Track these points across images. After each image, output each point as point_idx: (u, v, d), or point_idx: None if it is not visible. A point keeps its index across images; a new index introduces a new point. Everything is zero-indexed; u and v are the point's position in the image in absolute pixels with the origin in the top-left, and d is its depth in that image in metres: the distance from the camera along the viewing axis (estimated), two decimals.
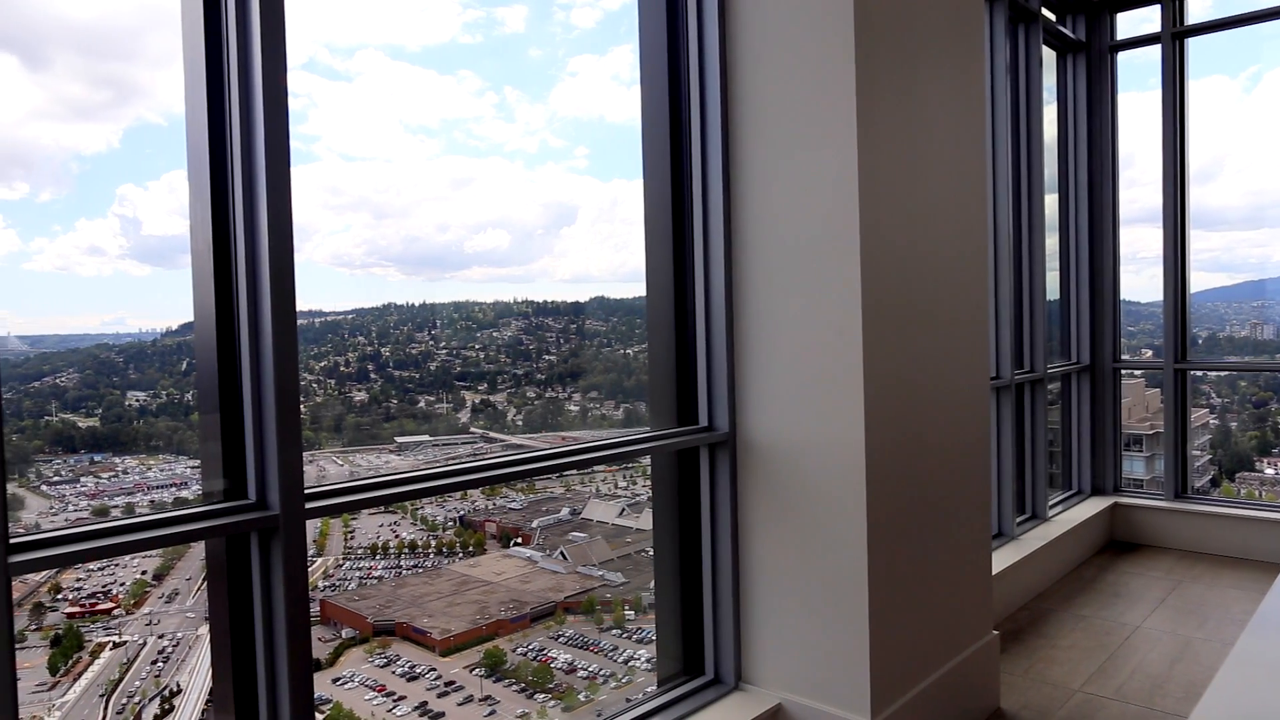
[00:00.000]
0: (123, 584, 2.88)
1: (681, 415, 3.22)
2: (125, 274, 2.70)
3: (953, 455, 3.36)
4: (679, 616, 3.25)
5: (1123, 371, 6.32)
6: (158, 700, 2.77)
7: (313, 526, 2.18)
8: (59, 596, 2.78)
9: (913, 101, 3.09)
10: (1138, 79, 6.26)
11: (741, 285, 3.12)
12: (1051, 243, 6.02)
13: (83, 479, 2.72)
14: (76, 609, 2.77)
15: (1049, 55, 6.10)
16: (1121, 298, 6.30)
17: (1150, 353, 6.48)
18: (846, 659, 2.92)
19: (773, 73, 3.01)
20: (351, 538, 3.40)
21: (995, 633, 3.62)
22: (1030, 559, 4.93)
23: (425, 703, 3.12)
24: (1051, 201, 6.03)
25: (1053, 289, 6.06)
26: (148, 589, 2.91)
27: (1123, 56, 6.24)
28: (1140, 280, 6.30)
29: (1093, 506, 5.93)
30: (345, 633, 3.22)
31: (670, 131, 3.18)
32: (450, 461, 2.72)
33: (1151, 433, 6.31)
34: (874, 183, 2.88)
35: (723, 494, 3.15)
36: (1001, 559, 4.74)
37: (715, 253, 3.12)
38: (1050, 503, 5.76)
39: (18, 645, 1.75)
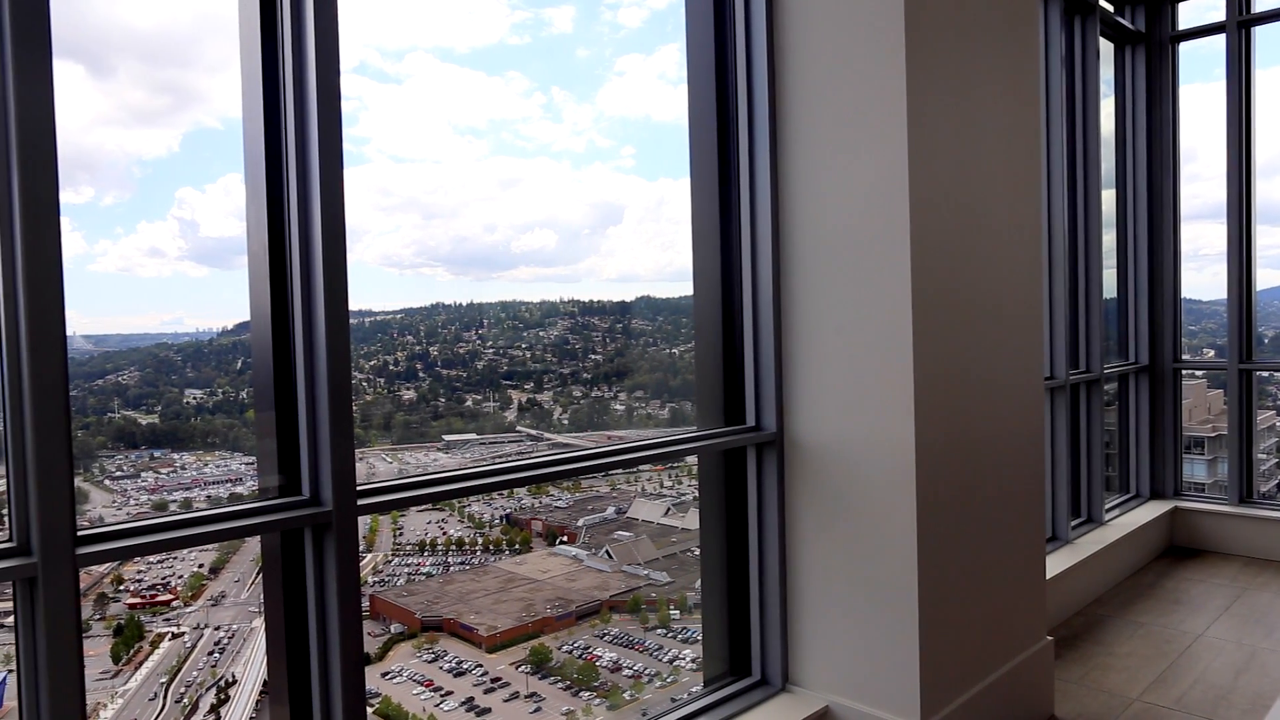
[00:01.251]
0: (180, 576, 2.95)
1: (728, 415, 3.20)
2: (183, 275, 2.77)
3: (1005, 456, 3.29)
4: (725, 617, 3.23)
5: (1183, 372, 6.13)
6: (214, 690, 2.83)
7: (362, 523, 2.21)
8: (121, 587, 2.86)
9: (964, 95, 3.03)
10: (1201, 70, 6.06)
11: (789, 283, 3.09)
12: (1109, 239, 5.86)
13: (143, 474, 2.79)
14: (137, 600, 2.85)
15: (1106, 47, 5.93)
16: (1182, 296, 6.10)
17: (1212, 352, 6.27)
18: (896, 662, 2.88)
19: (821, 68, 2.97)
20: (400, 534, 3.44)
21: (1049, 638, 3.54)
22: (1086, 563, 4.80)
23: (472, 698, 3.15)
24: (1109, 197, 5.87)
25: (1110, 287, 5.90)
26: (204, 582, 2.98)
27: (1185, 47, 6.04)
28: (1202, 278, 6.11)
29: (1151, 510, 5.76)
30: (394, 628, 3.26)
31: (717, 129, 3.16)
32: (497, 460, 2.74)
33: (1214, 435, 6.11)
34: (925, 179, 2.83)
35: (770, 494, 3.13)
36: (1056, 563, 4.63)
37: (763, 250, 3.10)
38: (1107, 506, 5.60)
39: (83, 634, 1.81)
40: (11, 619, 2.46)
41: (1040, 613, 3.52)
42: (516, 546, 3.52)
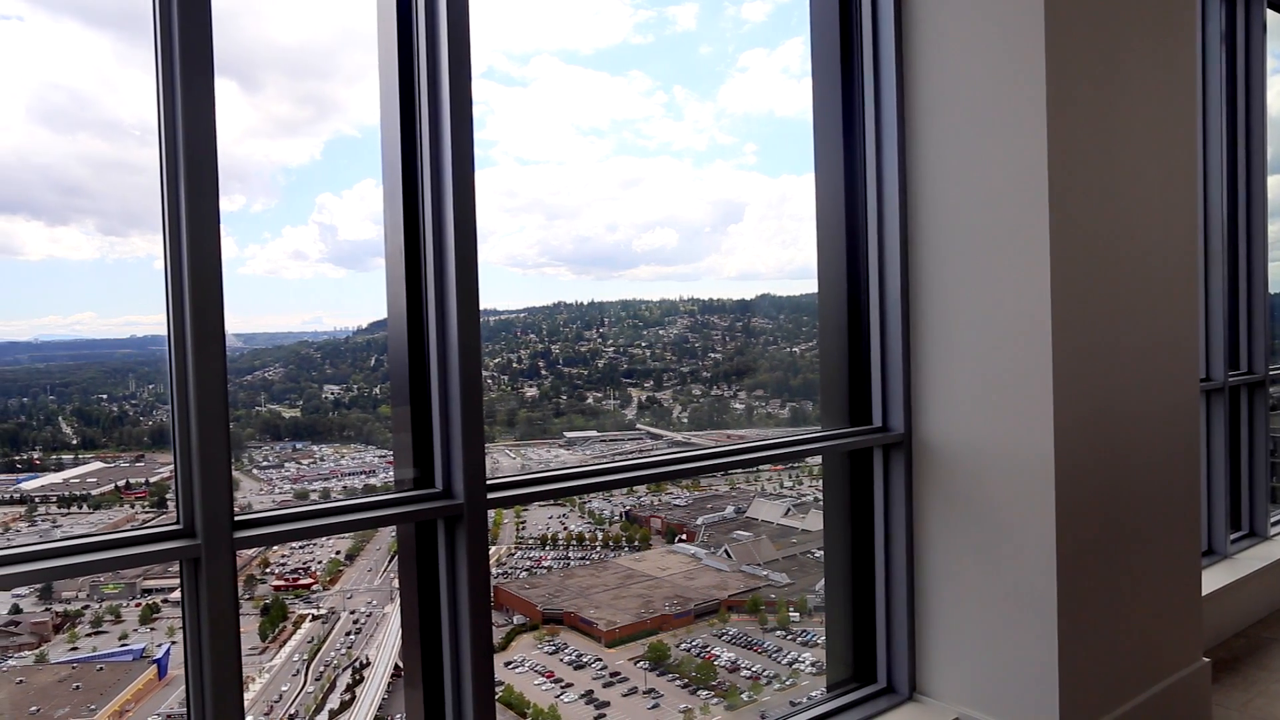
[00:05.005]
0: (320, 562, 3.11)
1: (854, 415, 3.12)
2: (323, 276, 2.91)
3: (1155, 463, 3.08)
4: (850, 621, 3.16)
5: None
6: (349, 670, 2.97)
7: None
8: (267, 570, 3.04)
9: (1110, 79, 2.85)
10: None
11: (918, 280, 2.99)
12: (1275, 230, 5.37)
13: (286, 464, 2.95)
14: (282, 582, 3.02)
15: (1274, 20, 5.44)
16: None
17: None
18: (1033, 676, 2.74)
19: (953, 56, 2.86)
20: (523, 528, 3.52)
21: (1206, 660, 3.29)
22: (1247, 581, 4.43)
23: (591, 691, 3.19)
24: (1276, 184, 5.38)
25: (1276, 282, 5.41)
26: (341, 568, 3.12)
27: None
28: None
29: None
30: (516, 619, 3.34)
31: (843, 122, 3.09)
32: (620, 457, 2.76)
33: None
34: (1066, 170, 2.68)
35: (897, 496, 3.04)
36: (1213, 579, 4.29)
37: (890, 246, 3.01)
38: (1272, 519, 5.15)
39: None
40: (174, 595, 2.67)
41: (1195, 631, 3.28)
42: (635, 543, 3.54)
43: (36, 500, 2.58)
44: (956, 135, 2.87)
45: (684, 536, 3.59)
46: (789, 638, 3.50)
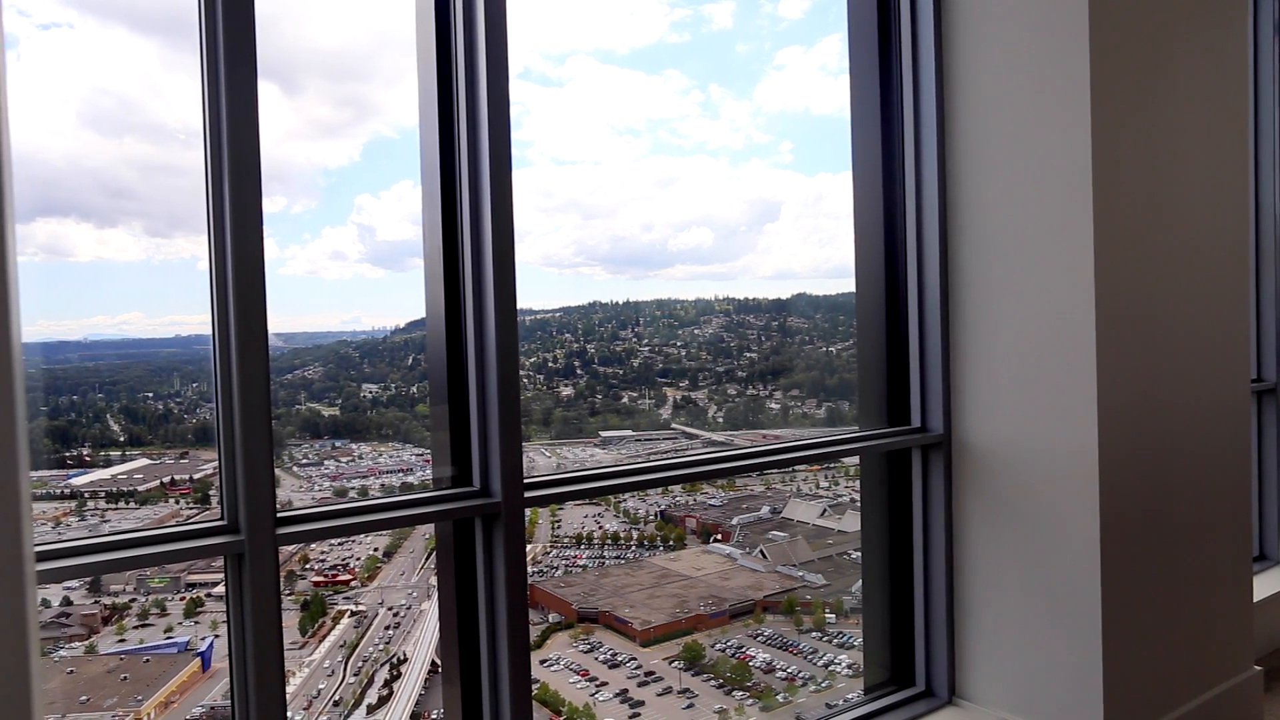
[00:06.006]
0: (358, 559, 3.14)
1: (892, 415, 3.09)
2: (361, 276, 2.93)
3: (1204, 464, 3.01)
4: (888, 623, 3.13)
5: None
6: (387, 666, 3.00)
7: None
8: (306, 566, 3.08)
9: (1157, 71, 2.79)
10: None
11: (958, 278, 2.95)
12: None
13: (325, 462, 2.98)
14: (321, 578, 3.05)
15: None
16: None
17: None
18: (1076, 681, 2.69)
19: (993, 49, 2.81)
20: (558, 527, 3.53)
21: (1258, 668, 3.20)
22: None
23: (626, 690, 3.19)
24: None
25: None
26: (379, 565, 3.15)
27: None
28: None
29: None
30: (551, 617, 3.35)
31: (881, 120, 3.06)
32: (655, 456, 2.76)
33: None
34: (1110, 165, 2.63)
35: (936, 498, 3.00)
36: (1265, 585, 4.18)
37: (930, 244, 2.97)
38: None
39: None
40: (217, 589, 2.71)
41: (1246, 638, 3.20)
42: (670, 543, 3.53)
43: (86, 495, 2.64)
44: (997, 130, 2.82)
45: (719, 536, 3.58)
46: (825, 639, 3.47)
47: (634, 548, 3.49)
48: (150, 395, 2.77)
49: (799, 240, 3.50)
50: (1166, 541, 2.87)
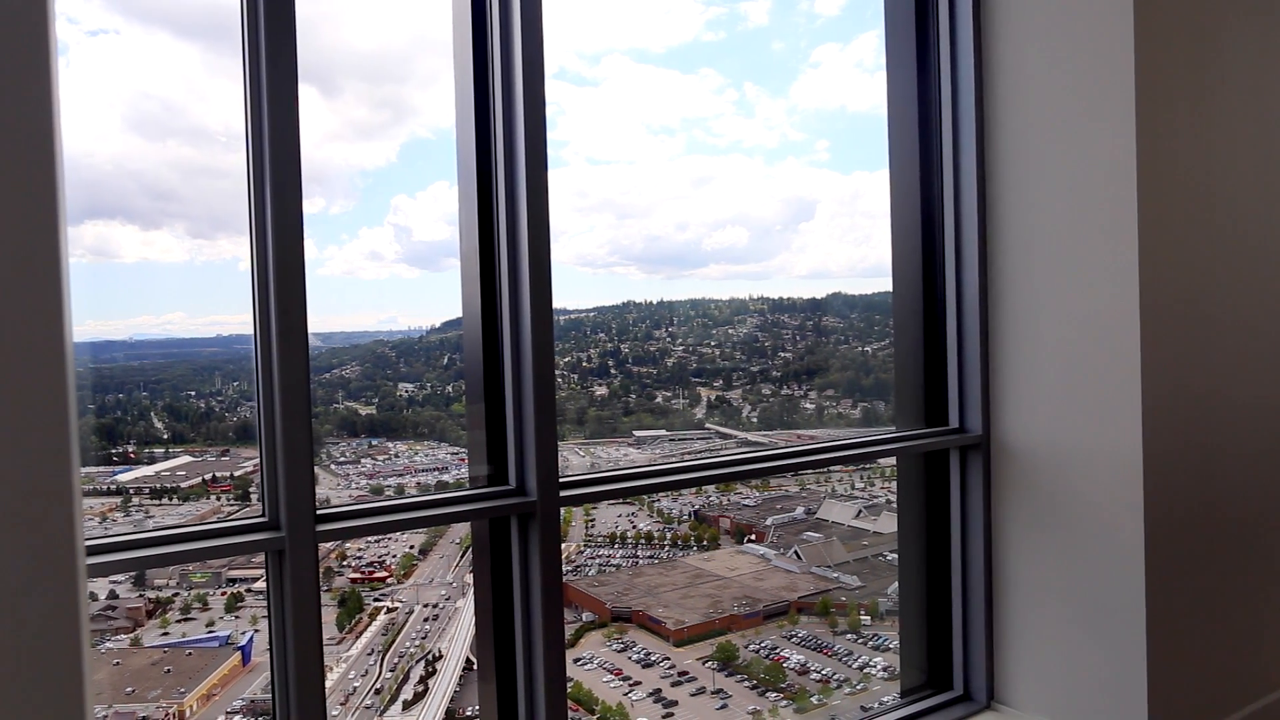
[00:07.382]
0: (394, 556, 3.17)
1: (929, 416, 3.06)
2: (397, 277, 2.96)
3: (1255, 466, 2.95)
4: (925, 626, 3.09)
5: None
6: (423, 663, 3.02)
7: None
8: (344, 563, 3.12)
9: (1206, 65, 2.73)
10: None
11: (996, 278, 2.90)
12: None
13: (362, 460, 3.02)
14: (357, 575, 3.08)
15: None
16: None
17: None
18: (1120, 688, 2.64)
19: (1034, 44, 2.77)
20: (592, 526, 3.53)
21: None
22: None
23: (659, 690, 3.18)
24: None
25: None
26: (415, 562, 3.18)
27: None
28: None
29: None
30: (585, 616, 3.35)
31: (919, 117, 3.02)
32: (689, 456, 2.75)
33: None
34: (1156, 160, 2.57)
35: (974, 500, 2.96)
36: None
37: (968, 243, 2.93)
38: None
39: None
40: (258, 585, 2.76)
41: None
42: (704, 543, 3.53)
43: (130, 491, 2.70)
44: (1038, 125, 2.78)
45: (753, 537, 3.56)
46: (860, 641, 3.44)
47: (668, 547, 3.49)
48: (193, 394, 2.82)
49: (834, 239, 3.47)
50: (1214, 544, 2.81)
